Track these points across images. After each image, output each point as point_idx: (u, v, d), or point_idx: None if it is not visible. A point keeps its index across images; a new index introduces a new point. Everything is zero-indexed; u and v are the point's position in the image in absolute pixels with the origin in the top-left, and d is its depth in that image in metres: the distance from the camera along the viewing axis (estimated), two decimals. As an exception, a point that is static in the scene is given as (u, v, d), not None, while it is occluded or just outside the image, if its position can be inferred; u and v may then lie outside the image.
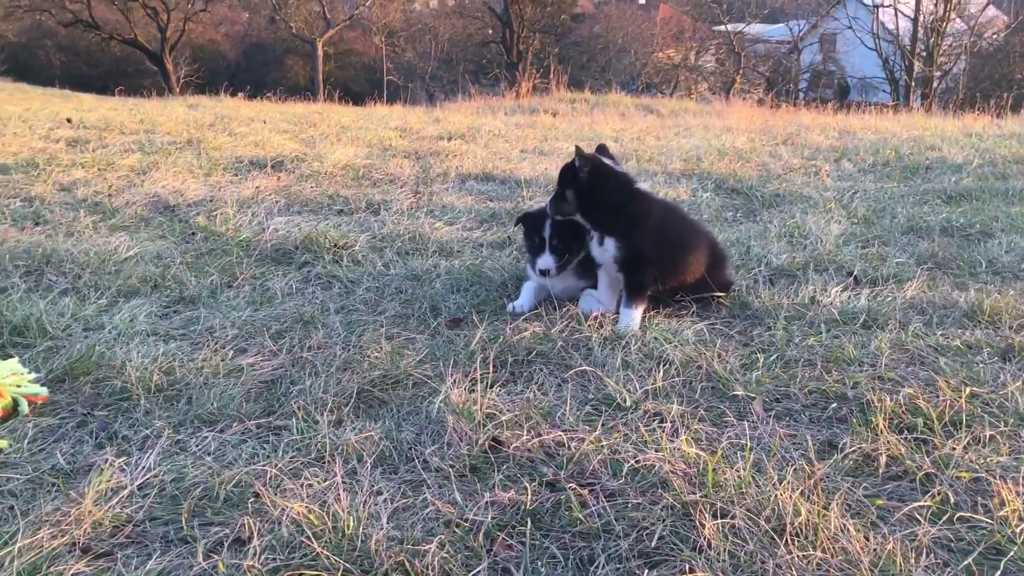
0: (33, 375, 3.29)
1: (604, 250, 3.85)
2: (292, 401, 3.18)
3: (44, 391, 3.26)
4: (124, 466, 2.75)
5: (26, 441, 2.96)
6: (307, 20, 40.98)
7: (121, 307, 4.14)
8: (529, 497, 2.50)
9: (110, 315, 4.04)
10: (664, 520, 2.38)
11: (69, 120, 10.29)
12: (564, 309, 4.03)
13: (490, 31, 42.63)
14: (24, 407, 3.16)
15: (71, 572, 2.24)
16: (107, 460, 2.79)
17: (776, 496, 2.40)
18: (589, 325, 3.82)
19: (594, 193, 3.81)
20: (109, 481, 2.63)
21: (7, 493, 2.66)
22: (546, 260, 3.99)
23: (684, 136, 10.23)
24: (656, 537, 2.32)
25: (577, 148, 3.82)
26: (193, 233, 5.40)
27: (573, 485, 2.55)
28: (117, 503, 2.54)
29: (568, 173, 3.85)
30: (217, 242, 5.17)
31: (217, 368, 3.47)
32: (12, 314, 3.90)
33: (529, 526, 2.38)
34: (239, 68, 43.26)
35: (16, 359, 3.31)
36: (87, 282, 4.46)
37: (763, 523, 2.31)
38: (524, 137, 9.95)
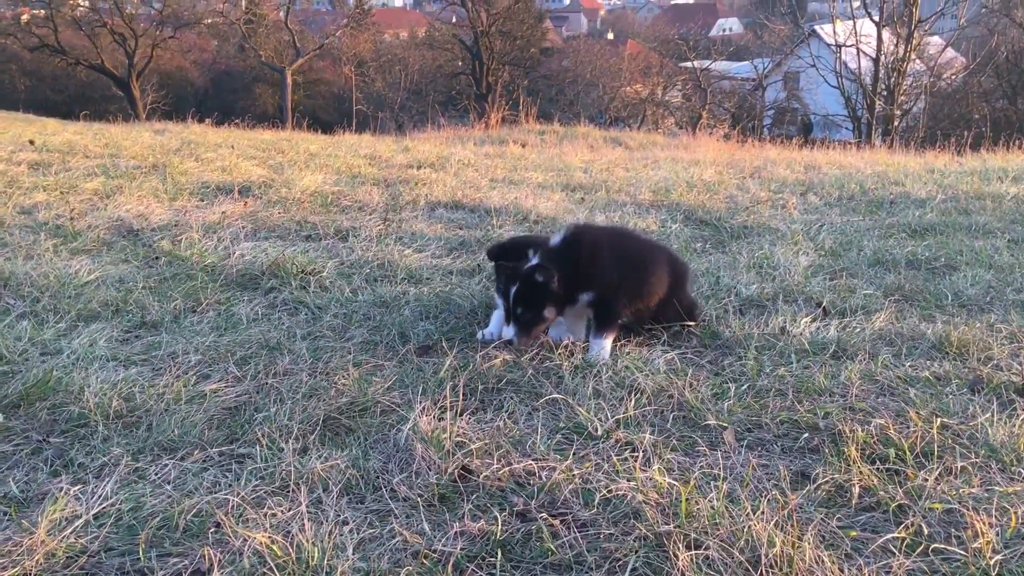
0: (-14, 401, 3.18)
1: (577, 302, 3.76)
2: (256, 428, 3.11)
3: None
4: (80, 494, 2.66)
5: (-24, 469, 2.86)
6: (276, 49, 41.00)
7: (81, 331, 4.04)
8: (499, 527, 2.45)
9: (69, 339, 3.94)
10: (637, 551, 2.34)
11: (32, 142, 10.14)
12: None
13: (460, 63, 42.86)
14: (-24, 433, 3.05)
15: (22, 604, 2.15)
16: (62, 488, 2.70)
17: (750, 527, 2.37)
18: (559, 353, 3.79)
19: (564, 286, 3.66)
20: (64, 510, 2.54)
21: (-44, 522, 2.56)
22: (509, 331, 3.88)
23: (652, 168, 10.29)
24: (629, 569, 2.27)
25: (531, 268, 3.64)
26: (157, 257, 5.30)
27: (544, 515, 2.50)
28: (71, 533, 2.45)
29: (535, 291, 3.62)
30: (182, 267, 5.08)
31: (179, 394, 3.39)
32: (-34, 337, 3.78)
33: (499, 557, 2.33)
34: (207, 95, 43.10)
35: (-30, 383, 3.20)
36: (46, 306, 4.36)
37: (737, 554, 2.27)
38: (494, 167, 9.95)
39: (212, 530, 2.48)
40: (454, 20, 44.44)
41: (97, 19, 38.14)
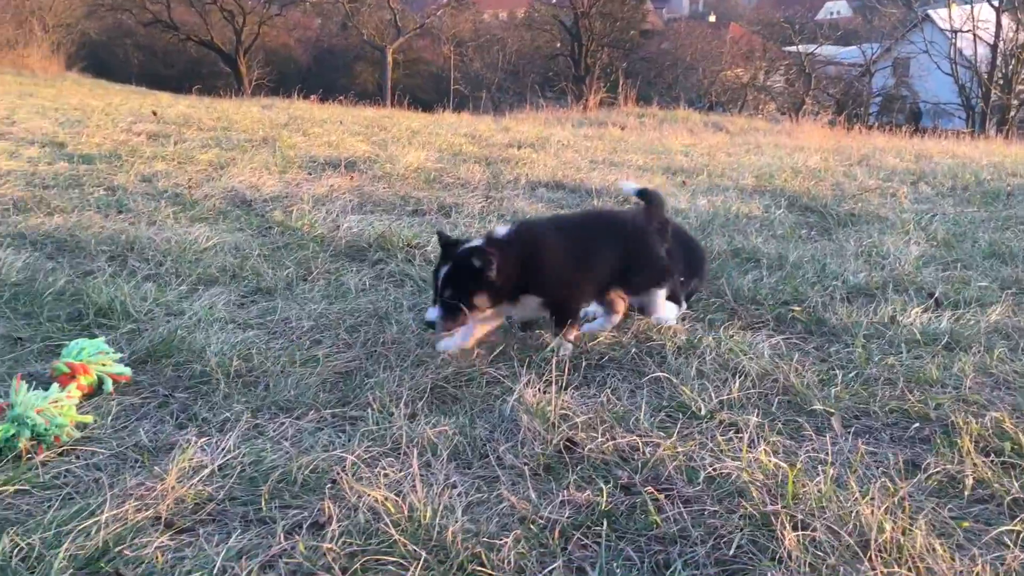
0: (117, 355, 3.37)
1: (524, 307, 3.62)
2: (367, 393, 3.22)
3: (127, 371, 3.34)
4: (205, 446, 2.80)
5: (110, 418, 3.04)
6: (378, 28, 41.54)
7: (201, 295, 4.23)
8: (604, 498, 2.49)
9: (190, 302, 4.13)
10: (742, 529, 2.35)
11: (154, 113, 10.58)
12: (635, 316, 4.01)
13: (558, 44, 42.72)
14: (108, 385, 3.24)
15: (155, 545, 2.29)
16: (188, 440, 2.85)
17: (859, 511, 2.35)
18: (662, 333, 3.80)
19: (503, 277, 3.45)
20: (191, 460, 2.68)
21: (92, 467, 2.74)
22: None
23: (755, 153, 10.12)
24: (734, 545, 2.29)
25: (469, 249, 3.48)
26: (269, 227, 5.49)
27: (649, 489, 2.53)
28: (199, 481, 2.59)
29: (467, 275, 3.43)
30: (293, 237, 5.25)
31: (293, 357, 3.52)
32: (98, 296, 4.01)
33: (605, 527, 2.37)
34: (309, 72, 43.98)
35: (102, 339, 3.40)
36: (168, 269, 4.57)
37: (846, 537, 2.26)
38: (593, 148, 9.94)
39: (328, 486, 2.59)
40: (554, 1, 44.25)
41: (209, -4, 39.32)
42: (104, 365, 3.28)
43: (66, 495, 2.55)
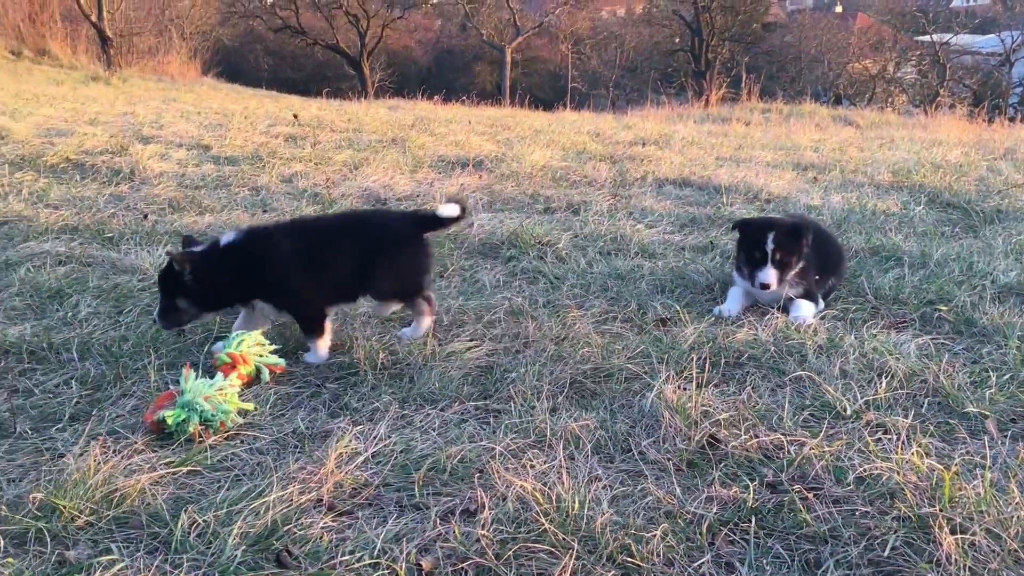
0: (273, 347, 3.55)
1: (261, 310, 3.67)
2: (508, 387, 3.30)
3: (282, 362, 3.52)
4: (358, 434, 2.93)
5: (268, 406, 3.22)
6: (497, 27, 41.90)
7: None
8: (751, 496, 2.49)
9: (334, 296, 4.30)
10: (896, 531, 2.31)
11: (295, 116, 11.01)
12: (770, 315, 3.96)
13: (677, 39, 42.13)
14: (265, 375, 3.43)
15: (320, 525, 2.43)
16: (342, 428, 2.99)
17: (1020, 516, 2.28)
18: (802, 331, 3.74)
19: (206, 283, 3.55)
20: (348, 447, 2.81)
21: (256, 451, 2.91)
22: (766, 274, 3.94)
23: (888, 148, 9.78)
24: (888, 547, 2.26)
25: (169, 254, 3.59)
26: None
27: (797, 488, 2.51)
28: (355, 467, 2.73)
29: (168, 282, 3.57)
30: (427, 234, 5.40)
31: (434, 351, 3.63)
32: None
33: (753, 524, 2.37)
34: (429, 73, 44.80)
35: (260, 332, 3.58)
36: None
37: (1008, 542, 2.20)
38: (718, 145, 9.81)
39: (476, 475, 2.68)
40: (674, -5, 43.68)
41: (335, 2, 40.50)
42: (261, 356, 3.47)
43: (234, 477, 2.73)
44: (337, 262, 3.65)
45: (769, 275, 3.94)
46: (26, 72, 23.10)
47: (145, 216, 5.72)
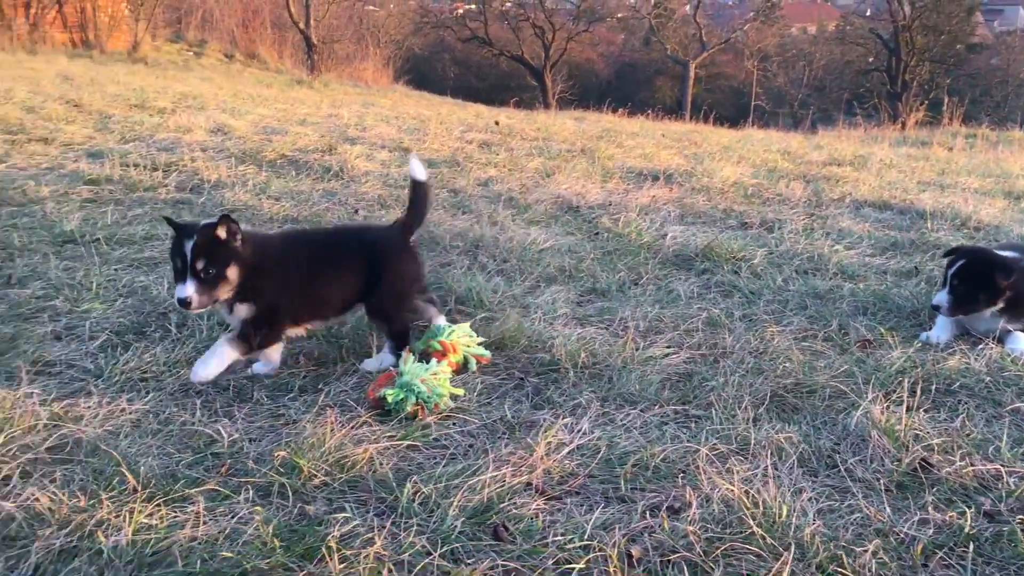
0: (479, 339, 3.74)
1: (235, 316, 3.39)
2: (708, 394, 3.35)
3: (487, 353, 3.71)
4: (563, 427, 3.06)
5: (475, 394, 3.40)
6: (681, 42, 41.63)
7: (543, 290, 4.58)
8: (968, 522, 2.44)
9: (534, 296, 4.48)
10: None
11: (497, 123, 11.42)
12: (983, 344, 3.82)
13: (871, 59, 40.46)
14: (472, 365, 3.63)
15: (533, 506, 2.57)
16: (546, 420, 3.14)
17: None
18: (1019, 364, 3.59)
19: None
20: (555, 437, 2.95)
21: (467, 434, 3.09)
22: (939, 297, 3.91)
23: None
24: (1122, 588, 2.17)
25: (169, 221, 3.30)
26: (597, 233, 5.78)
27: (1020, 519, 2.44)
28: (562, 457, 2.86)
29: (217, 245, 3.22)
30: (620, 243, 5.50)
31: (632, 355, 3.72)
32: (457, 286, 4.46)
33: (970, 551, 2.33)
34: (609, 86, 44.99)
35: (468, 324, 3.78)
36: (512, 266, 4.97)
37: None
38: (919, 169, 9.40)
39: (680, 475, 2.75)
40: (869, 13, 41.96)
41: (522, 14, 41.43)
42: (469, 347, 3.67)
43: (449, 455, 2.92)
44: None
45: (942, 299, 3.92)
46: (237, 74, 24.92)
47: (356, 211, 6.10)
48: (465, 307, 4.30)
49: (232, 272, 3.24)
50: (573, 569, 2.27)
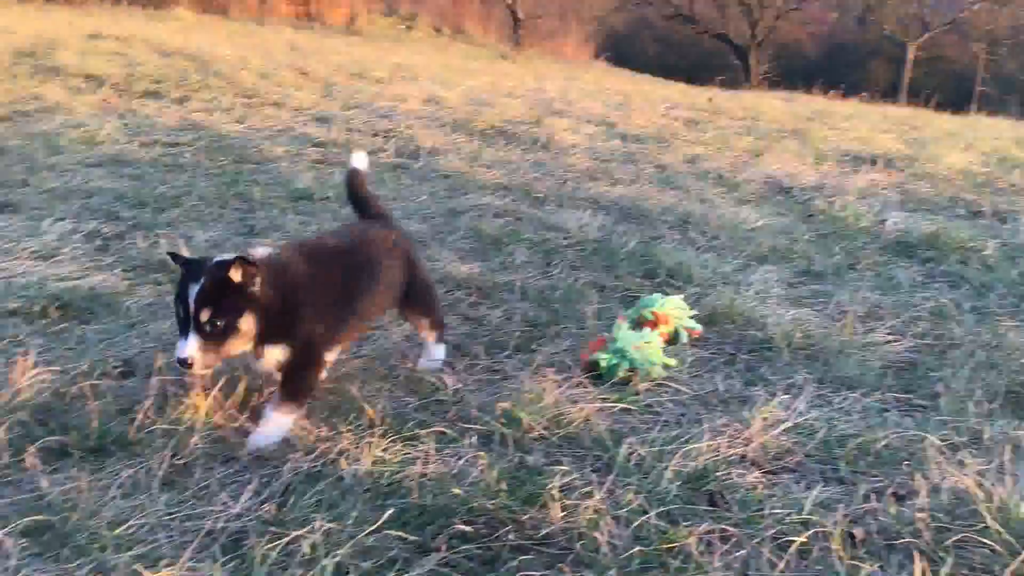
0: (691, 312, 3.74)
1: (266, 364, 2.79)
2: (933, 384, 3.21)
3: (699, 327, 3.69)
4: (779, 404, 3.03)
5: (686, 365, 3.41)
6: (901, 22, 39.20)
7: (754, 270, 4.51)
8: None
9: (745, 275, 4.42)
10: None
11: (710, 99, 11.30)
12: None
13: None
14: (683, 337, 3.63)
15: (750, 478, 2.57)
16: (760, 396, 3.11)
17: None
18: None
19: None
20: (771, 414, 2.92)
21: (678, 403, 3.11)
22: None
23: None
24: None
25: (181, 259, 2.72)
26: (811, 215, 5.62)
27: None
28: (778, 434, 2.82)
29: (232, 292, 2.57)
30: (836, 226, 5.33)
31: (850, 340, 3.61)
32: (667, 259, 4.48)
33: None
34: (817, 67, 43.03)
35: (681, 296, 3.78)
36: (722, 244, 4.92)
37: None
38: None
39: (905, 463, 2.66)
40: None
41: (733, -10, 40.38)
42: (680, 319, 3.67)
43: (662, 422, 2.95)
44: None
45: None
46: (445, 47, 25.71)
47: (564, 182, 6.21)
48: (675, 280, 4.31)
49: (247, 324, 2.59)
50: (793, 542, 2.25)
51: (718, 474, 2.58)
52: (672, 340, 3.63)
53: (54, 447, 2.59)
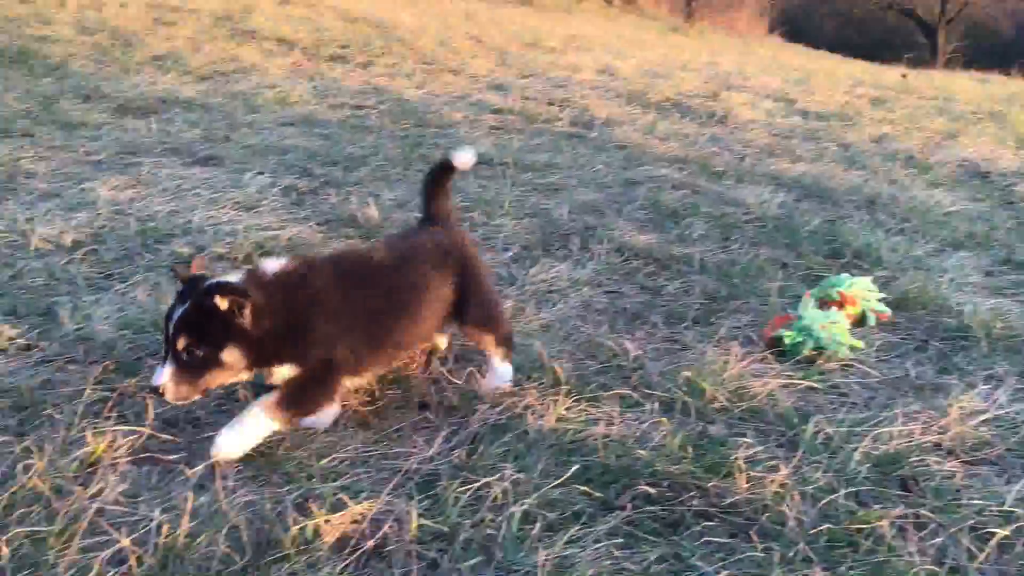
0: (880, 295, 3.60)
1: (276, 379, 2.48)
2: None
3: (888, 310, 3.56)
4: (976, 395, 2.89)
5: (873, 348, 3.30)
6: (1114, 0, 35.89)
7: (948, 255, 4.29)
8: None
9: (939, 260, 4.22)
10: None
11: (904, 75, 10.80)
12: None
13: None
14: (871, 320, 3.50)
15: (948, 467, 2.47)
16: (956, 386, 2.97)
17: None
18: None
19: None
20: (968, 404, 2.79)
21: (867, 386, 3.02)
22: None
23: None
24: None
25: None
26: (1012, 202, 5.28)
27: None
28: (977, 424, 2.70)
29: (216, 322, 2.29)
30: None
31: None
32: (854, 240, 4.32)
33: None
34: (1013, 48, 40.01)
35: (870, 278, 3.65)
36: (913, 227, 4.70)
37: None
38: None
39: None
40: None
41: (919, -36, 38.03)
42: (868, 301, 3.54)
43: (850, 403, 2.87)
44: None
45: None
46: (615, 18, 25.45)
47: (743, 159, 6.07)
48: (862, 262, 4.16)
49: (231, 357, 2.32)
50: (994, 535, 2.16)
51: (911, 460, 2.50)
52: (859, 322, 3.51)
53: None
